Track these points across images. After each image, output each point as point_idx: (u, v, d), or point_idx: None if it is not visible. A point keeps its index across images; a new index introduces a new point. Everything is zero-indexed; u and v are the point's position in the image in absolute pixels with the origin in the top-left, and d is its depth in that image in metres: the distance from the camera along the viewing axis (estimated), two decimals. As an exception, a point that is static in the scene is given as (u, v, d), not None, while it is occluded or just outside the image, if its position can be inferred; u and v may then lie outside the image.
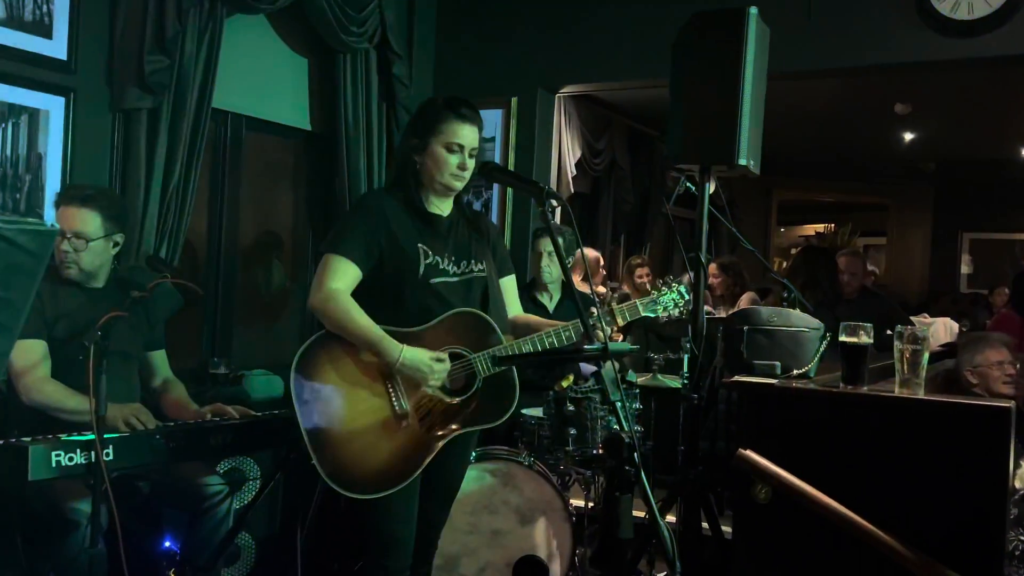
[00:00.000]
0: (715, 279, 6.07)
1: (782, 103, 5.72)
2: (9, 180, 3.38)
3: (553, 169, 5.67)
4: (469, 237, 2.72)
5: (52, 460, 2.43)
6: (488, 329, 2.61)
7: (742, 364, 2.89)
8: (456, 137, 2.59)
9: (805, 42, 4.43)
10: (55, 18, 3.49)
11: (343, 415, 2.55)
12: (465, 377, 2.61)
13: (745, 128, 2.97)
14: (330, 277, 2.54)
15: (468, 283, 2.67)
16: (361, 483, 2.52)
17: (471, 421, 2.61)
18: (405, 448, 2.56)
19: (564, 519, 3.42)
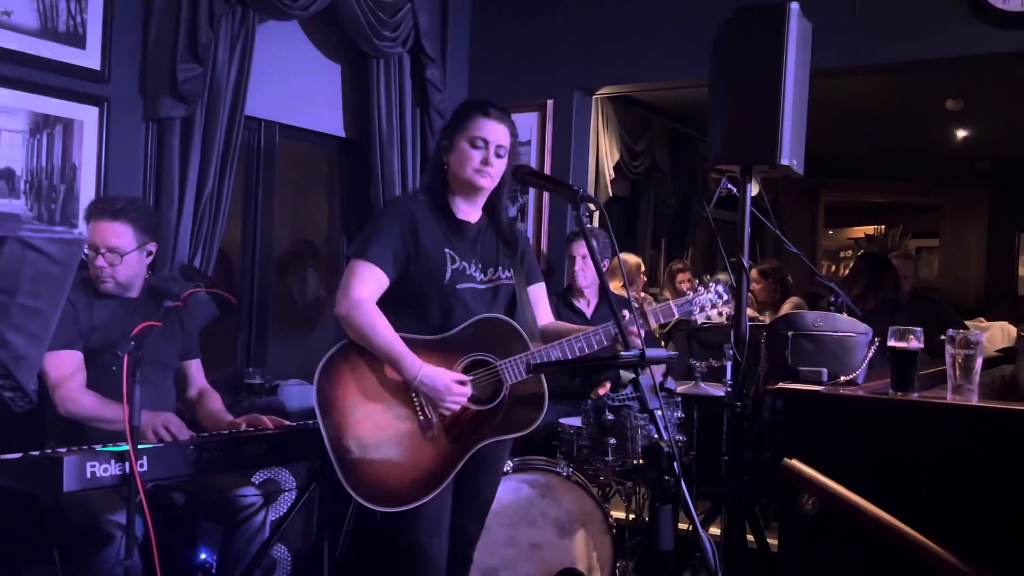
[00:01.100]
0: (756, 284, 6.03)
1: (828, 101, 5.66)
2: (44, 191, 3.45)
3: (590, 172, 5.66)
4: (497, 244, 2.72)
5: (87, 471, 2.45)
6: (515, 335, 2.59)
7: (787, 371, 2.87)
8: (480, 131, 2.59)
9: (850, 37, 4.38)
10: (88, 28, 3.56)
11: (368, 425, 2.55)
12: (492, 385, 2.59)
13: (787, 127, 2.95)
14: (356, 285, 2.54)
15: (495, 290, 2.67)
16: (387, 496, 2.52)
17: (499, 430, 2.59)
18: (432, 459, 2.55)
19: (604, 531, 3.40)
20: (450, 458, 2.55)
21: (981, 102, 7.25)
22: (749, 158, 3.09)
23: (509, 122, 2.65)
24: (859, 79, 6.03)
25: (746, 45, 3.07)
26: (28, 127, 3.39)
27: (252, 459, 2.96)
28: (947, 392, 2.38)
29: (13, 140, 3.34)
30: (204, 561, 3.17)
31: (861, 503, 2.32)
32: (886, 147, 9.40)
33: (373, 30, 4.52)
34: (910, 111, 7.67)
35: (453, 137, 2.62)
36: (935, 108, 7.42)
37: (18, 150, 3.36)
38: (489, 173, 2.60)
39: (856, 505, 2.32)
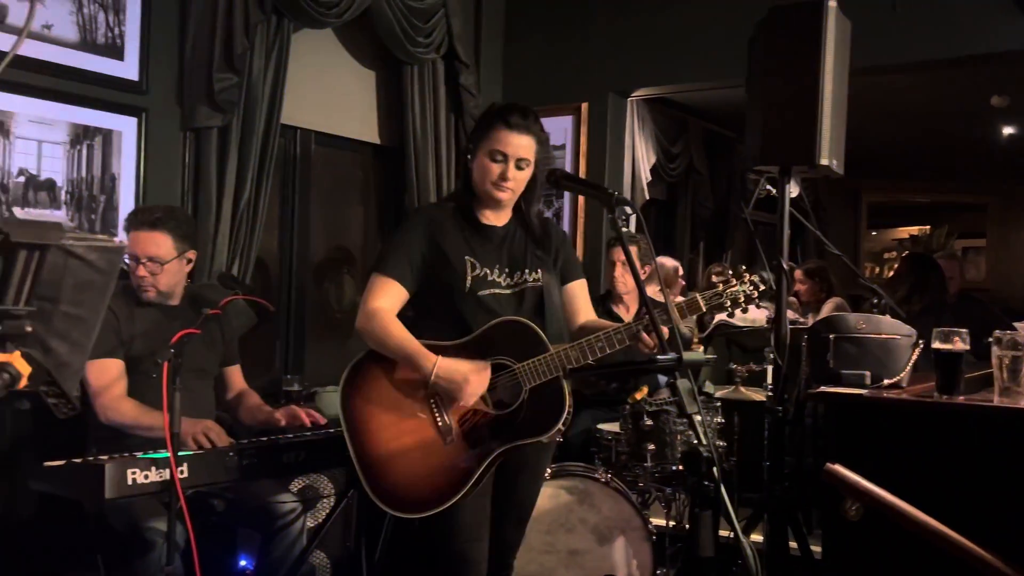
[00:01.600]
0: (801, 285, 5.98)
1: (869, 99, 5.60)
2: (85, 201, 3.53)
3: (626, 175, 5.65)
4: (526, 246, 2.71)
5: (128, 478, 2.50)
6: (533, 337, 2.55)
7: (829, 374, 2.84)
8: (499, 144, 2.56)
9: (891, 34, 4.34)
10: (126, 40, 3.64)
11: (388, 433, 2.58)
12: (511, 388, 2.58)
13: (826, 126, 2.93)
14: (372, 297, 2.58)
15: (520, 294, 2.66)
16: (409, 502, 2.54)
17: (519, 434, 2.56)
18: (451, 465, 2.55)
19: (644, 538, 3.39)
20: (470, 463, 2.54)
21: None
22: (787, 159, 3.07)
23: (534, 131, 2.60)
24: (901, 76, 5.96)
25: (783, 44, 3.05)
26: (68, 138, 3.47)
27: (290, 466, 3.00)
28: (994, 395, 2.35)
29: (54, 151, 3.42)
30: (244, 567, 3.21)
31: (906, 508, 2.29)
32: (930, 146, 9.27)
33: (407, 36, 4.56)
34: (954, 108, 7.56)
35: (476, 146, 2.62)
36: (980, 105, 7.31)
37: (59, 161, 3.44)
38: (507, 187, 2.59)
39: (901, 510, 2.30)
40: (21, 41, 1.28)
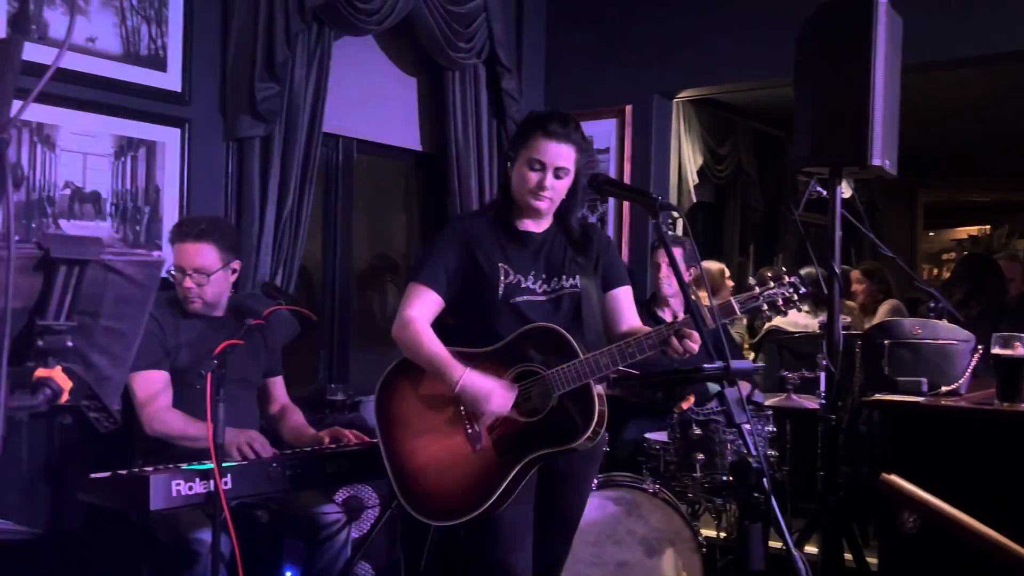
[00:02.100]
0: (858, 285, 5.90)
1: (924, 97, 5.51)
2: (129, 213, 3.59)
3: (672, 178, 5.62)
4: (565, 253, 2.70)
5: (172, 489, 2.54)
6: (564, 344, 2.54)
7: (884, 381, 2.80)
8: (538, 153, 2.55)
9: (946, 28, 4.25)
10: (169, 51, 3.69)
11: (420, 441, 2.62)
12: (541, 396, 2.57)
13: (878, 126, 2.89)
14: (408, 305, 2.61)
15: (557, 300, 2.65)
16: (440, 510, 2.58)
17: (548, 442, 2.55)
18: (481, 472, 2.56)
19: (694, 550, 3.35)
20: (500, 471, 2.55)
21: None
22: (838, 159, 3.03)
23: (574, 139, 2.58)
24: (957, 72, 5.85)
25: (832, 41, 3.02)
26: (113, 151, 3.53)
27: (334, 476, 3.04)
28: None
29: (99, 164, 3.49)
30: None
31: (966, 519, 2.24)
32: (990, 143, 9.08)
33: (448, 41, 4.58)
34: (1015, 104, 7.40)
35: (515, 154, 2.62)
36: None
37: (104, 173, 3.51)
38: (545, 196, 2.58)
39: (960, 522, 2.24)
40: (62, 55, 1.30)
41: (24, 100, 1.24)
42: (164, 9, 3.67)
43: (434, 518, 2.59)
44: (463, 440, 2.58)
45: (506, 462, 2.54)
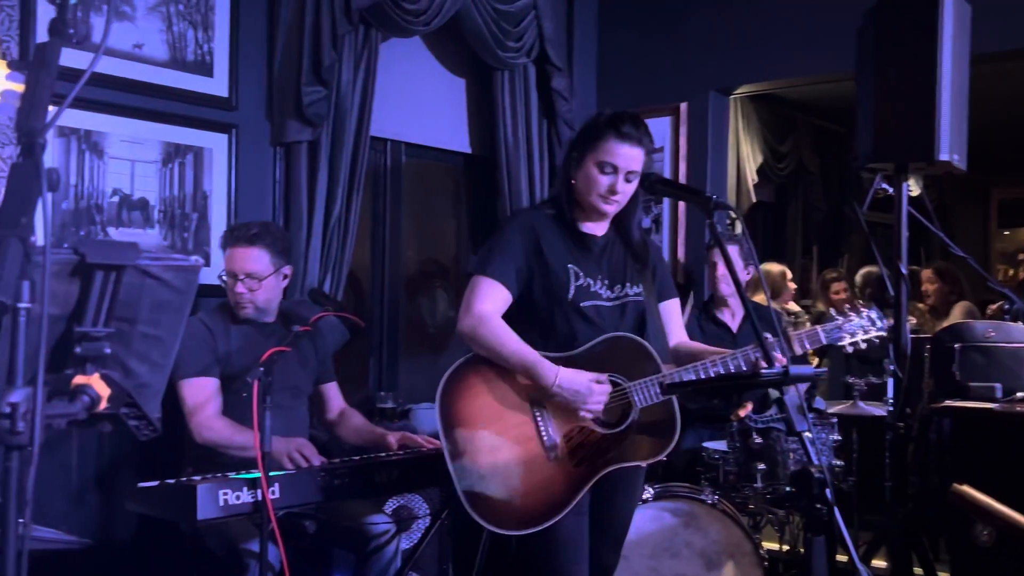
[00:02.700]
0: (930, 285, 5.78)
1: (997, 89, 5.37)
2: (177, 219, 3.65)
3: (731, 177, 5.56)
4: (624, 259, 2.69)
5: (220, 499, 2.56)
6: (645, 355, 2.53)
7: (955, 387, 2.73)
8: (609, 156, 2.53)
9: (1018, 15, 4.14)
10: (215, 56, 3.74)
11: (488, 446, 2.56)
12: (620, 408, 2.54)
13: (945, 120, 2.82)
14: (479, 299, 2.55)
15: (622, 307, 2.64)
16: (507, 518, 2.53)
17: (626, 456, 2.53)
18: (555, 482, 2.52)
19: (755, 564, 3.30)
20: (574, 482, 2.52)
21: None
22: (903, 155, 2.96)
23: (645, 142, 2.56)
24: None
25: (896, 33, 2.96)
26: (160, 157, 3.59)
27: (383, 485, 3.03)
28: None
29: (147, 171, 3.55)
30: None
31: (1045, 534, 2.16)
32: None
33: (497, 41, 4.58)
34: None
35: (582, 155, 2.58)
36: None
37: (152, 180, 3.57)
38: (615, 200, 2.57)
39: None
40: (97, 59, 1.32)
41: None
42: (210, 14, 3.72)
43: (501, 525, 2.52)
44: (538, 447, 2.54)
45: (581, 474, 2.52)
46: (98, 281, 1.25)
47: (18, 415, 1.11)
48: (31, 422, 1.12)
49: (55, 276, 1.22)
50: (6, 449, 1.14)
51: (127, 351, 1.33)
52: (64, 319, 1.28)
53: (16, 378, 1.14)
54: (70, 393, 1.25)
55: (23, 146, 1.20)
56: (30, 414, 1.13)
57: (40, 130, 1.22)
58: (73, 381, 1.27)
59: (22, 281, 1.13)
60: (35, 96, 1.27)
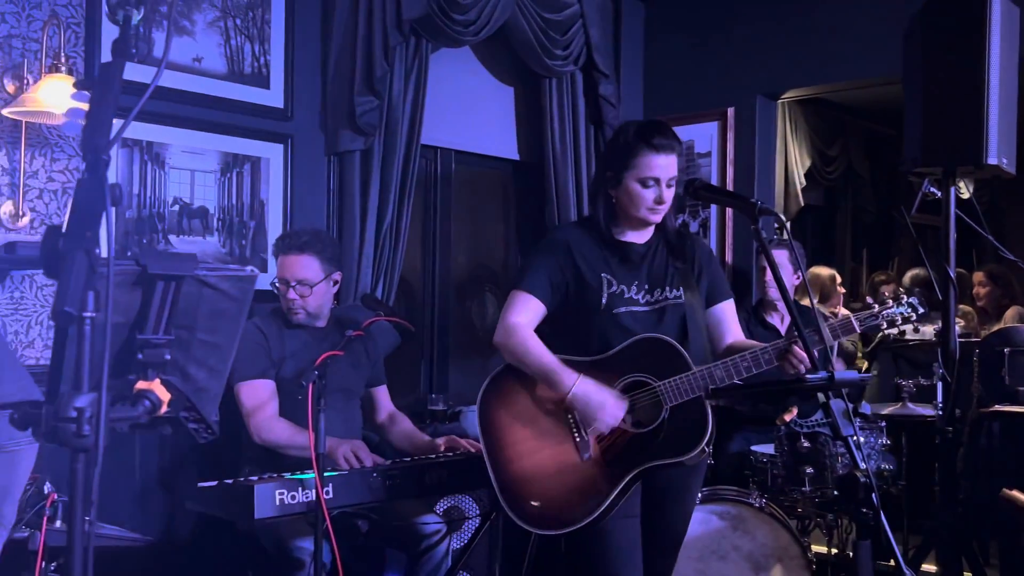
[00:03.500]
0: (982, 288, 5.68)
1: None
2: (235, 227, 3.72)
3: (779, 181, 5.50)
4: (667, 264, 2.69)
5: (276, 499, 2.61)
6: (675, 355, 2.53)
7: (1005, 391, 2.68)
8: (651, 171, 2.55)
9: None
10: (272, 69, 3.81)
11: (525, 448, 2.62)
12: (652, 406, 2.55)
13: (993, 123, 2.77)
14: (512, 312, 2.62)
15: (660, 311, 2.64)
16: (545, 519, 2.56)
17: (658, 454, 2.53)
18: (589, 482, 2.55)
19: (803, 567, 3.27)
20: (609, 481, 2.53)
21: None
22: (951, 159, 2.92)
23: (677, 146, 2.59)
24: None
25: (943, 36, 2.91)
26: (219, 167, 3.66)
27: (434, 486, 3.06)
28: None
29: (206, 180, 3.62)
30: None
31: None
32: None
33: (544, 49, 4.60)
34: None
35: (621, 174, 2.60)
36: None
37: (210, 189, 3.64)
38: (661, 210, 2.60)
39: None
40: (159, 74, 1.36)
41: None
42: (266, 28, 3.79)
43: (539, 526, 2.58)
44: (571, 448, 2.58)
45: (615, 473, 2.53)
46: (159, 291, 1.29)
47: (84, 419, 1.15)
48: (96, 426, 1.16)
49: (118, 286, 1.26)
50: (72, 451, 1.19)
51: (186, 357, 1.37)
52: (126, 327, 1.32)
53: (82, 384, 1.18)
54: (132, 398, 1.29)
55: (88, 162, 1.24)
56: (95, 418, 1.16)
57: (104, 147, 1.25)
58: (135, 386, 1.30)
59: (87, 291, 1.17)
60: (100, 114, 1.31)
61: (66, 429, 1.15)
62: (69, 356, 1.23)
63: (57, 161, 3.19)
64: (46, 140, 3.16)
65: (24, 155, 3.08)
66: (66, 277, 1.13)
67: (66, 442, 1.16)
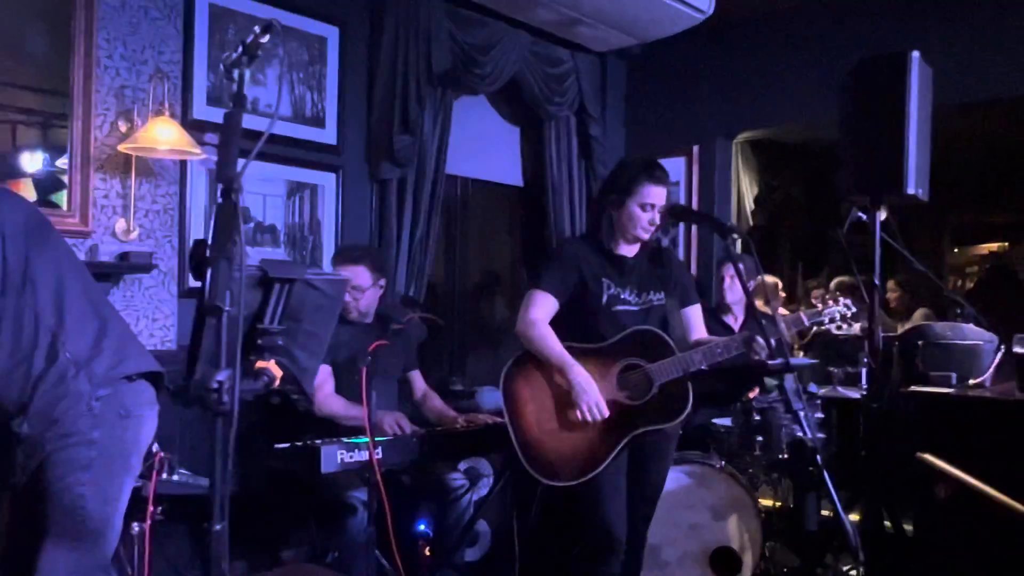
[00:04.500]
0: (892, 293, 5.75)
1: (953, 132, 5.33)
2: (298, 241, 3.78)
3: (733, 205, 5.57)
4: (651, 273, 2.77)
5: (338, 458, 2.67)
6: (662, 344, 2.63)
7: (918, 375, 2.75)
8: (649, 197, 2.65)
9: (971, 75, 4.15)
10: (327, 113, 3.87)
11: (540, 418, 2.68)
12: (644, 384, 2.63)
13: (912, 161, 2.83)
14: (532, 309, 2.68)
15: (647, 310, 2.73)
16: (557, 473, 2.63)
17: (648, 421, 2.61)
18: (593, 444, 2.62)
19: (754, 516, 3.32)
20: (609, 443, 2.61)
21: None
22: (878, 190, 2.98)
23: (668, 181, 2.69)
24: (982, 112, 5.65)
25: (871, 90, 2.96)
26: (285, 192, 3.73)
27: (459, 450, 3.14)
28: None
29: (275, 203, 3.69)
30: (424, 531, 3.34)
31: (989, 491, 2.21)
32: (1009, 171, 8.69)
33: (546, 98, 4.66)
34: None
35: (623, 199, 2.68)
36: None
37: (279, 211, 3.70)
38: (652, 229, 2.69)
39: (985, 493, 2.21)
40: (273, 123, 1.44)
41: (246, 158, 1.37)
42: (323, 80, 3.85)
43: (551, 478, 2.64)
44: (577, 417, 2.63)
45: (613, 437, 2.61)
46: (275, 291, 1.37)
47: (224, 390, 1.23)
48: (232, 395, 1.23)
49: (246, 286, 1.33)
50: (213, 415, 1.26)
51: (294, 343, 1.44)
52: (249, 319, 1.40)
53: (219, 362, 1.26)
54: (254, 374, 1.37)
55: (223, 191, 1.32)
56: (231, 390, 1.24)
57: (235, 178, 1.33)
58: (256, 365, 1.38)
59: (226, 291, 1.24)
60: (227, 153, 1.39)
61: (210, 398, 1.22)
62: (207, 340, 1.30)
63: (159, 187, 3.25)
64: (151, 170, 3.21)
65: (134, 182, 3.15)
66: (213, 279, 1.20)
67: (209, 408, 1.24)
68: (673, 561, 3.36)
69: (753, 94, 4.93)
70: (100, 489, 1.77)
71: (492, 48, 4.33)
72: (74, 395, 1.69)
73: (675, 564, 3.36)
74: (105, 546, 1.81)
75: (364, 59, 4.01)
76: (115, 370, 1.75)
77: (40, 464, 1.73)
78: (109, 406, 1.74)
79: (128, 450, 1.82)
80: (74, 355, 1.69)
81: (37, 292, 1.65)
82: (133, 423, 1.82)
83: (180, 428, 3.03)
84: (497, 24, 4.36)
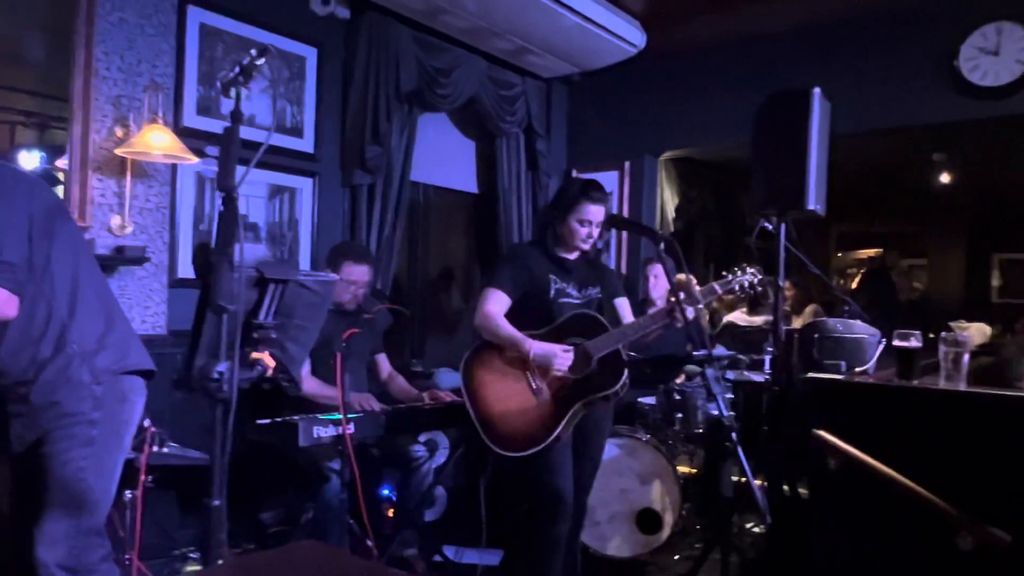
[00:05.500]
0: (788, 292, 5.90)
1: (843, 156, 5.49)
2: (277, 237, 3.70)
3: (657, 214, 5.65)
4: (589, 272, 2.81)
5: (314, 432, 2.63)
6: (599, 325, 2.65)
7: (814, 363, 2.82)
8: (587, 215, 2.67)
9: (860, 109, 4.29)
10: (305, 124, 3.79)
11: (497, 396, 2.67)
12: (584, 360, 2.64)
13: (812, 181, 2.91)
14: (487, 303, 2.69)
15: (588, 302, 2.77)
16: (514, 444, 2.62)
17: (590, 391, 2.63)
18: (543, 416, 2.62)
19: (674, 481, 3.40)
20: (556, 414, 2.62)
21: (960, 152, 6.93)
22: (784, 205, 3.05)
23: (606, 199, 2.70)
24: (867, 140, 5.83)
25: (779, 120, 3.02)
26: (267, 194, 3.64)
27: (420, 425, 3.11)
28: (940, 380, 2.33)
29: (258, 204, 3.60)
30: (388, 496, 3.32)
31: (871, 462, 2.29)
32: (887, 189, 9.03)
33: (499, 116, 4.65)
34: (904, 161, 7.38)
35: (565, 215, 2.69)
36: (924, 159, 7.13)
37: (261, 211, 3.62)
38: (590, 242, 2.72)
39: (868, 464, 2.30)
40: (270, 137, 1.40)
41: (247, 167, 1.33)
42: (302, 95, 3.77)
43: (507, 449, 2.62)
44: (528, 392, 2.64)
45: (560, 408, 2.61)
46: (271, 289, 1.33)
47: (224, 380, 1.19)
48: (231, 384, 1.20)
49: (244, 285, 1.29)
50: (213, 401, 1.22)
51: (285, 336, 1.41)
52: (246, 314, 1.36)
53: (221, 354, 1.22)
54: (249, 364, 1.33)
55: (223, 198, 1.28)
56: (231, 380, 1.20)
57: (234, 187, 1.29)
58: (251, 356, 1.34)
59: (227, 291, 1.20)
60: (227, 163, 1.35)
61: (211, 386, 1.19)
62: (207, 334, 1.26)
63: (152, 188, 3.14)
64: (145, 172, 3.10)
65: (129, 183, 3.04)
66: (216, 279, 1.17)
67: (211, 395, 1.20)
68: (604, 520, 3.41)
69: (677, 118, 5.00)
70: (100, 463, 1.73)
71: (453, 71, 4.30)
72: (75, 383, 1.64)
73: (606, 523, 3.41)
74: (99, 513, 1.78)
75: (339, 77, 3.94)
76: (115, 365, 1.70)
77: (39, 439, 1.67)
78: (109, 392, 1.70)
79: (123, 431, 1.80)
80: (80, 347, 1.64)
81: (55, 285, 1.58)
82: (128, 407, 1.80)
83: (170, 405, 2.94)
84: (458, 51, 4.32)
